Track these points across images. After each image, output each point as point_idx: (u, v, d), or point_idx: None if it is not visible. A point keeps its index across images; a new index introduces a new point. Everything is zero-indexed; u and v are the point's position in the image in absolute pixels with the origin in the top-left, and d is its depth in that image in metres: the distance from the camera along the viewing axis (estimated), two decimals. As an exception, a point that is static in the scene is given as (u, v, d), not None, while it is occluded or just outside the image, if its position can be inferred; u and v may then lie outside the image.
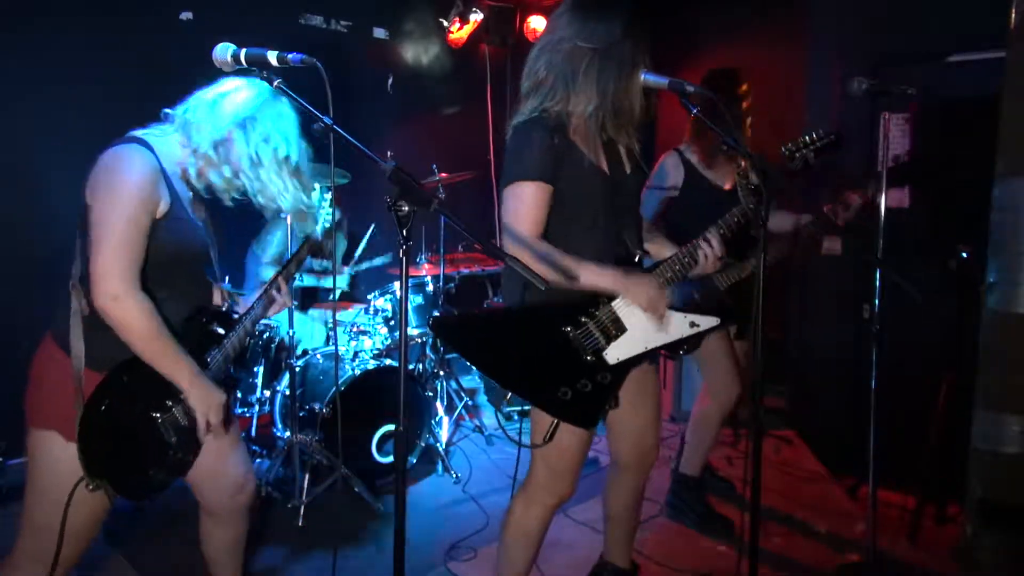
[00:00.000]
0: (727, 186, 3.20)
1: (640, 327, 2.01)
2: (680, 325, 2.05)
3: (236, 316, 2.01)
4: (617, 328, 1.98)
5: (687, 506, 3.28)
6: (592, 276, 1.94)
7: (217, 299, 2.09)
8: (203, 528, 2.16)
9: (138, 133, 1.81)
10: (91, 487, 1.70)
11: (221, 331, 1.96)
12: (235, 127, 1.83)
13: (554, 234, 1.98)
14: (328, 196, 2.56)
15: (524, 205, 1.95)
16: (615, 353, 1.99)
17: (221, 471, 2.04)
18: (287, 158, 1.89)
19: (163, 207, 1.76)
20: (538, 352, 1.96)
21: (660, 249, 2.32)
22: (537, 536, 2.22)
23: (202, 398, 1.83)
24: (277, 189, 1.89)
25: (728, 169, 3.19)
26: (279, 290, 2.09)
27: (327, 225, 2.45)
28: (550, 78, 1.99)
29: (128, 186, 1.69)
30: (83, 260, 1.73)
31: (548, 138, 1.95)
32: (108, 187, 1.69)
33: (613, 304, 2.00)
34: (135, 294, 1.69)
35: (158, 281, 1.79)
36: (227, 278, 3.48)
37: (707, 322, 2.06)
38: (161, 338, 1.74)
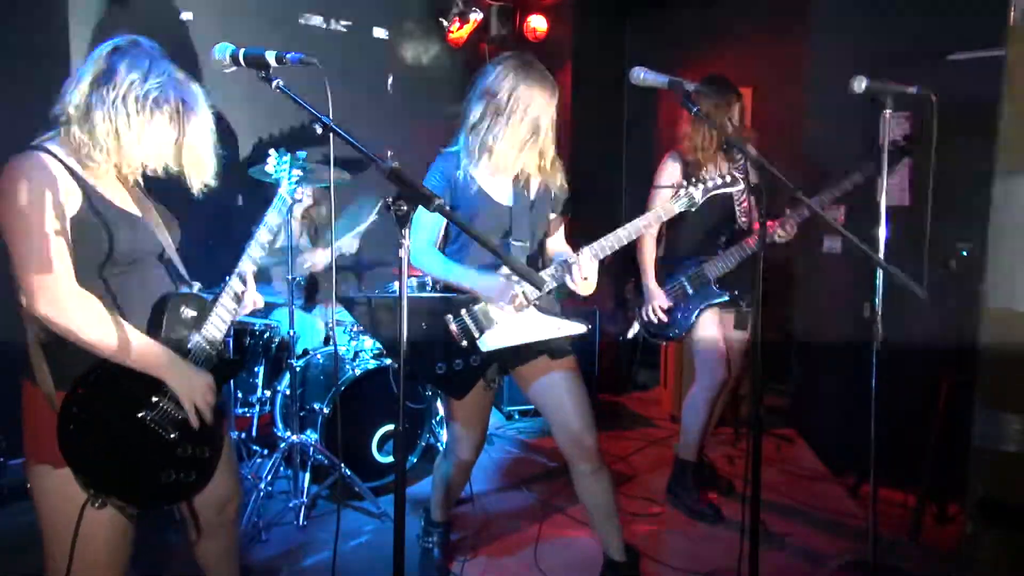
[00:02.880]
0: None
1: (507, 324, 2.34)
2: (548, 327, 2.36)
3: (208, 298, 1.89)
4: (488, 321, 2.34)
5: (682, 491, 3.39)
6: (460, 276, 2.35)
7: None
8: (192, 543, 2.06)
9: (34, 143, 1.72)
10: (96, 504, 1.62)
11: (193, 313, 1.82)
12: (90, 89, 1.68)
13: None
14: (287, 159, 2.55)
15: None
16: (488, 342, 2.35)
17: (207, 487, 1.91)
18: (156, 100, 1.71)
19: (74, 204, 1.65)
20: (423, 333, 2.35)
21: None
22: (447, 481, 2.73)
23: (182, 383, 1.72)
24: (155, 141, 1.73)
25: (723, 166, 3.26)
26: (244, 281, 1.93)
27: (294, 197, 2.30)
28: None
29: (25, 194, 1.58)
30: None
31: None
32: (6, 199, 1.59)
33: (487, 303, 2.35)
34: (78, 294, 1.60)
35: (102, 281, 1.69)
36: (227, 278, 3.47)
37: (571, 327, 2.37)
38: (119, 330, 1.63)
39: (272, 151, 2.64)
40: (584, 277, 2.29)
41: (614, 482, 2.57)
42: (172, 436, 1.74)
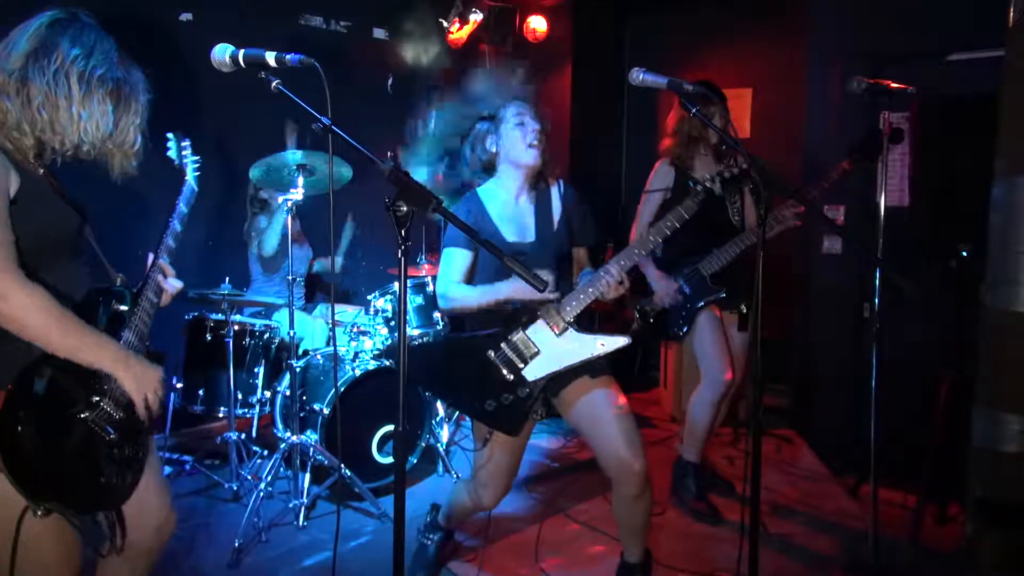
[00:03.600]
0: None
1: (551, 349, 2.32)
2: (590, 345, 2.33)
3: (134, 291, 1.81)
4: (530, 350, 2.32)
5: (684, 492, 3.42)
6: (494, 291, 2.36)
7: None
8: (103, 560, 1.78)
9: None
10: (40, 513, 1.50)
11: (123, 308, 1.75)
12: (26, 61, 1.58)
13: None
14: (186, 144, 2.36)
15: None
16: (533, 371, 2.32)
17: (146, 503, 1.78)
18: (101, 78, 1.64)
19: (13, 184, 1.55)
20: (467, 373, 2.34)
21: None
22: (459, 509, 2.70)
23: (135, 378, 1.64)
24: (95, 119, 1.63)
25: (711, 165, 3.28)
26: (164, 275, 1.86)
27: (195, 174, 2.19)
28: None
29: None
30: None
31: None
32: None
33: (527, 331, 2.32)
34: (25, 285, 1.48)
35: (31, 269, 1.56)
36: (227, 279, 3.48)
37: (614, 342, 2.33)
38: (71, 324, 1.54)
39: (169, 135, 2.39)
40: (620, 282, 2.32)
41: (653, 501, 2.49)
42: (112, 436, 1.65)
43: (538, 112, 2.48)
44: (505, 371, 2.32)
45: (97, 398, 1.63)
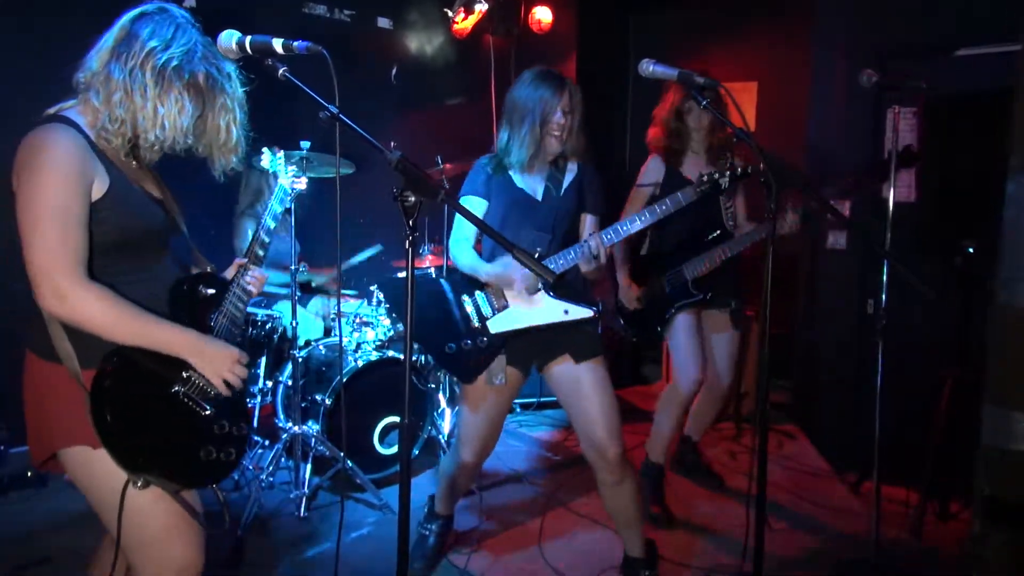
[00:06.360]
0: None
1: (517, 308, 2.41)
2: (554, 311, 2.40)
3: (225, 278, 1.85)
4: (500, 302, 2.42)
5: (646, 491, 3.27)
6: (477, 267, 2.44)
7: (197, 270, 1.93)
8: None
9: (53, 110, 1.61)
10: (139, 485, 1.56)
11: (211, 291, 1.77)
12: (110, 56, 1.58)
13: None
14: (280, 154, 2.65)
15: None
16: (498, 324, 2.41)
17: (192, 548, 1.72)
18: (176, 70, 1.60)
19: (100, 186, 1.56)
20: (437, 313, 2.44)
21: None
22: (450, 479, 2.72)
23: (209, 361, 1.66)
24: (172, 113, 1.60)
25: (701, 164, 3.22)
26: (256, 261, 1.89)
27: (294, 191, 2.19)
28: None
29: (53, 170, 1.50)
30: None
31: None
32: (30, 174, 1.50)
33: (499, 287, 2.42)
34: (84, 286, 1.51)
35: (120, 268, 1.62)
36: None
37: (578, 312, 2.40)
38: (134, 318, 1.56)
39: (265, 149, 2.70)
40: (595, 256, 2.33)
41: (638, 489, 2.54)
42: (208, 412, 1.69)
43: (575, 104, 2.43)
44: (473, 317, 2.42)
45: (188, 373, 1.66)
